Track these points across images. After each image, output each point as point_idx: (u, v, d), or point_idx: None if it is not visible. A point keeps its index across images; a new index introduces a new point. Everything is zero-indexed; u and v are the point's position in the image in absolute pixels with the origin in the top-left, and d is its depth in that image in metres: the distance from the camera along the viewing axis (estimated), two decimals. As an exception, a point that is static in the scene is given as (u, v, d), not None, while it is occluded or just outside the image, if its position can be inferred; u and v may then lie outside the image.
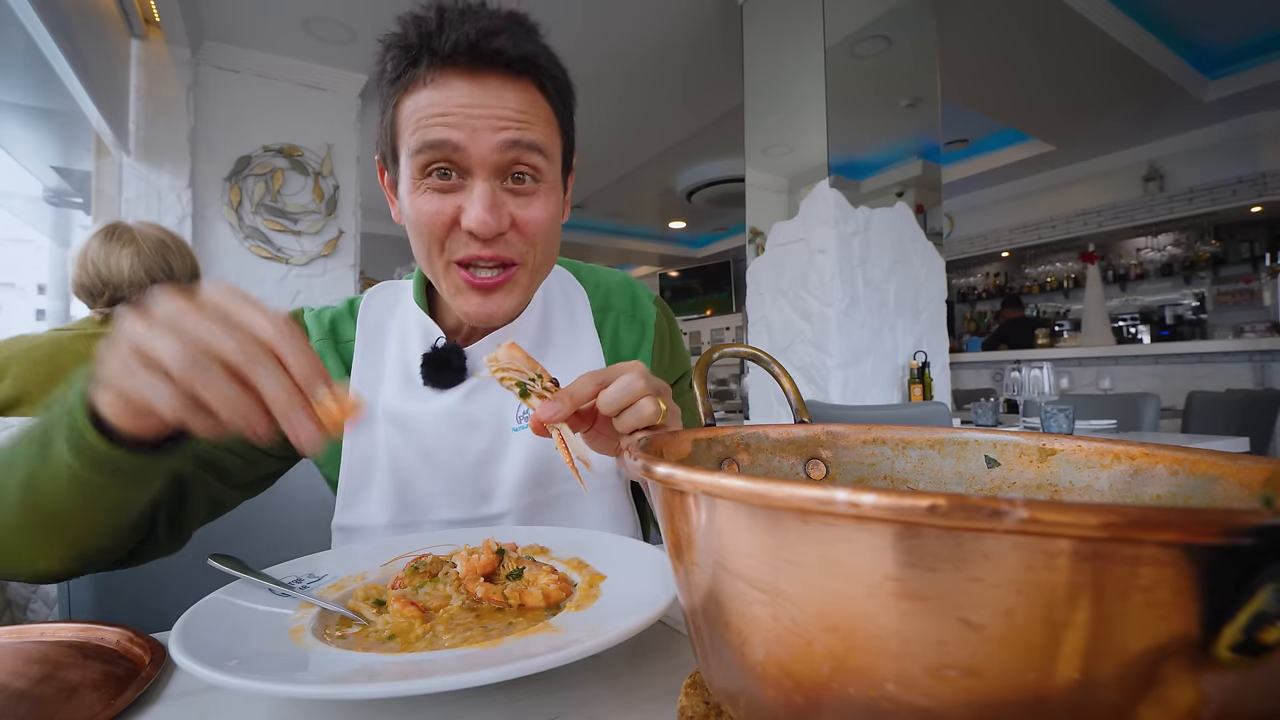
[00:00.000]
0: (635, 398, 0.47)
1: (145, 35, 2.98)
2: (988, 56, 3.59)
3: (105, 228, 1.24)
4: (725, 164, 5.31)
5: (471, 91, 0.55)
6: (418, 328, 0.69)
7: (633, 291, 0.80)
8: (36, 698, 0.36)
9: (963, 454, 0.39)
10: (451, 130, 0.55)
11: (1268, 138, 4.64)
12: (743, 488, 0.20)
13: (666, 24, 3.18)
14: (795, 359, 2.68)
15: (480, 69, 0.55)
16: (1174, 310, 5.62)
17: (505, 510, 0.66)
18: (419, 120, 0.56)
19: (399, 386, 0.67)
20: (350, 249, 3.56)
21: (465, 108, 0.55)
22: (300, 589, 0.46)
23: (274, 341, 0.36)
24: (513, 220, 0.59)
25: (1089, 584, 0.15)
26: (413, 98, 0.56)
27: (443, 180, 0.57)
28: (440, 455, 0.65)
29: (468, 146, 0.55)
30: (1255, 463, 0.27)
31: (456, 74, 0.55)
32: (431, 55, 0.55)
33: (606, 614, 0.40)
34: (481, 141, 0.55)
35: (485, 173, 0.56)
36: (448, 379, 0.66)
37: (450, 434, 0.65)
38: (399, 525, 0.64)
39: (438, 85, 0.55)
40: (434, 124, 0.55)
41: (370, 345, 0.69)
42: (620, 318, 0.77)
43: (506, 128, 0.56)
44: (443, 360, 0.65)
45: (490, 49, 0.54)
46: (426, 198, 0.57)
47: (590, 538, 0.56)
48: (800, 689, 0.21)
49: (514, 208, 0.59)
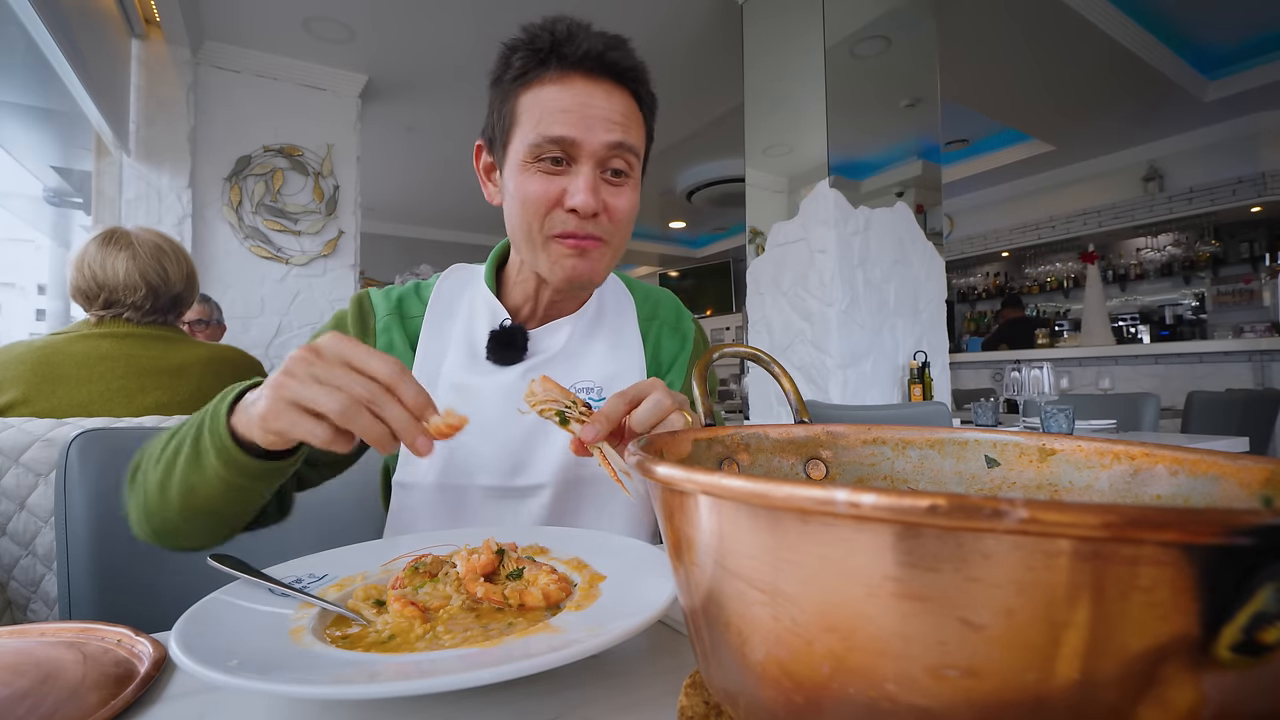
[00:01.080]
0: (664, 414, 0.52)
1: (145, 35, 2.98)
2: (987, 56, 3.59)
3: (103, 233, 1.24)
4: (725, 164, 5.31)
5: (591, 92, 0.65)
6: (485, 308, 0.76)
7: (678, 307, 0.90)
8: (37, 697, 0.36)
9: (963, 454, 0.39)
10: (570, 127, 0.64)
11: (1268, 138, 4.64)
12: (743, 488, 0.20)
13: (666, 24, 3.18)
14: (795, 359, 2.68)
15: (599, 75, 0.66)
16: (1174, 310, 5.61)
17: (544, 482, 0.72)
18: (542, 111, 0.65)
19: (463, 360, 0.74)
20: (350, 249, 3.56)
21: (584, 105, 0.65)
22: (300, 589, 0.46)
23: (393, 383, 0.46)
24: (605, 205, 0.67)
25: (1089, 584, 0.15)
26: (535, 92, 0.66)
27: (554, 166, 0.66)
28: (493, 426, 0.71)
29: (581, 140, 0.65)
30: (1255, 463, 0.27)
31: (579, 77, 0.65)
32: (560, 59, 0.65)
33: (606, 614, 0.40)
34: (594, 137, 0.65)
35: (590, 162, 0.66)
36: (510, 356, 0.73)
37: (506, 408, 0.71)
38: (445, 486, 0.71)
39: (562, 84, 0.65)
40: (556, 118, 0.64)
41: (439, 319, 0.77)
42: (664, 328, 0.86)
43: (613, 129, 0.66)
44: (508, 339, 0.73)
45: (610, 60, 0.65)
46: (536, 179, 0.66)
47: (590, 538, 0.57)
48: (800, 689, 0.21)
49: (607, 194, 0.68)
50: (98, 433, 0.79)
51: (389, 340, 0.75)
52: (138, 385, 1.17)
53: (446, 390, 0.72)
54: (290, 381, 0.46)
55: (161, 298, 1.25)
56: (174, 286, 1.27)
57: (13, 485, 0.99)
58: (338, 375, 0.46)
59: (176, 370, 1.21)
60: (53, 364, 1.12)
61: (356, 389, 0.46)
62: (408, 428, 0.46)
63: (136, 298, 1.22)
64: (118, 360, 1.17)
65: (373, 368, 0.47)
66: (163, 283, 1.25)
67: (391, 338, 0.75)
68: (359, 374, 0.46)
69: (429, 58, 3.47)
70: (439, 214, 6.55)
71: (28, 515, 1.01)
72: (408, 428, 0.46)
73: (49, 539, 1.01)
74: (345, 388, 0.46)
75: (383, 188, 5.57)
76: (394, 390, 0.47)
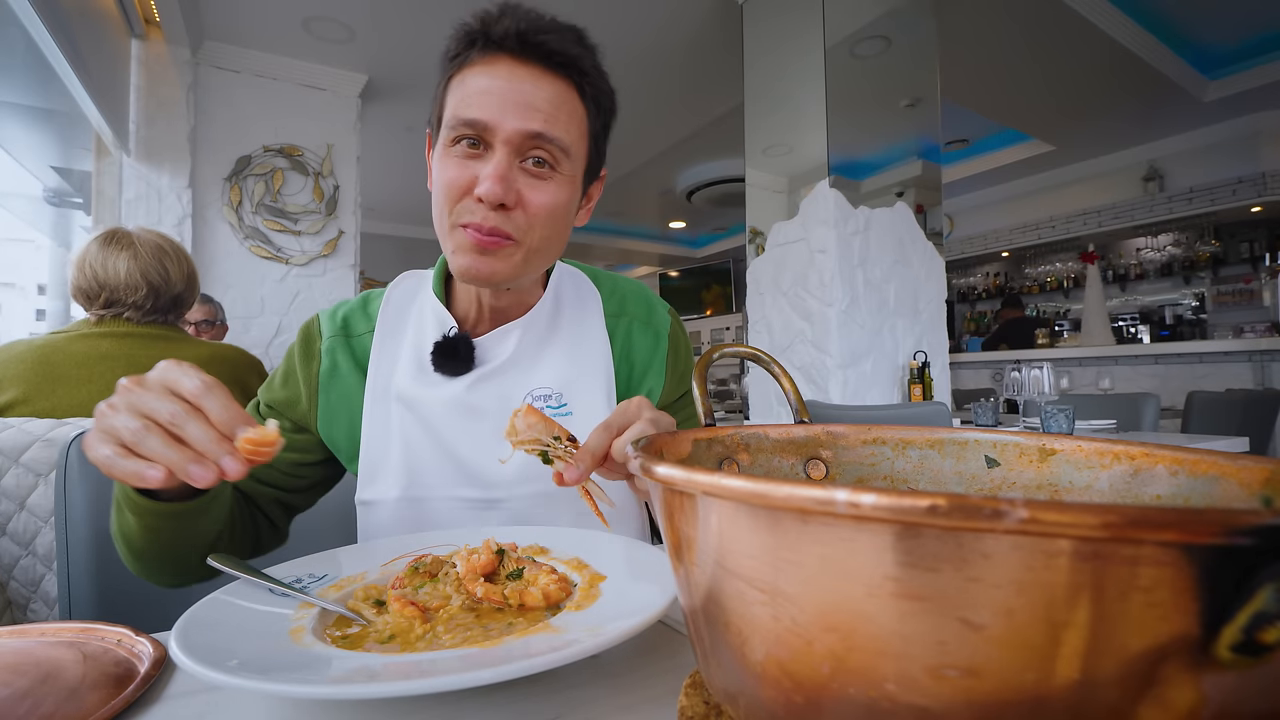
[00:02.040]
0: None
1: (145, 35, 2.98)
2: (987, 57, 3.59)
3: (105, 233, 1.25)
4: (725, 164, 5.31)
5: (515, 75, 0.61)
6: (434, 317, 0.73)
7: (649, 300, 0.82)
8: (37, 698, 0.36)
9: (963, 454, 0.39)
10: (483, 110, 0.60)
11: (1268, 138, 4.64)
12: (743, 488, 0.20)
13: (666, 24, 3.18)
14: (795, 359, 2.68)
15: (525, 58, 0.61)
16: (1174, 310, 5.61)
17: (501, 496, 0.69)
18: (464, 94, 0.61)
19: (412, 371, 0.70)
20: (350, 249, 3.56)
21: (504, 89, 0.61)
22: (300, 589, 0.46)
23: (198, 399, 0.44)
24: (519, 198, 0.62)
25: (1089, 584, 0.15)
26: (462, 75, 0.62)
27: (470, 149, 0.62)
28: (445, 438, 0.69)
29: (493, 123, 0.60)
30: (1255, 463, 0.27)
31: (505, 58, 0.61)
32: (486, 40, 0.61)
33: (606, 614, 0.40)
34: (507, 122, 0.60)
35: (506, 150, 0.61)
36: (455, 367, 0.69)
37: (455, 420, 0.69)
38: (409, 499, 0.68)
39: (485, 66, 0.61)
40: (473, 99, 0.61)
41: (389, 333, 0.74)
42: (635, 324, 0.79)
43: (532, 116, 0.61)
44: (451, 349, 0.69)
45: (535, 41, 0.61)
46: (452, 163, 0.62)
47: (590, 538, 0.56)
48: (800, 689, 0.21)
49: (524, 186, 0.63)
50: (98, 433, 0.79)
51: (332, 362, 0.72)
52: (138, 385, 1.16)
53: (398, 402, 0.69)
54: (107, 411, 0.44)
55: (162, 297, 1.25)
56: (175, 286, 1.27)
57: (13, 485, 0.99)
58: (148, 399, 0.44)
59: (177, 370, 1.21)
60: (53, 364, 1.13)
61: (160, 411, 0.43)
62: (210, 447, 0.43)
63: (137, 297, 1.22)
64: (118, 360, 1.17)
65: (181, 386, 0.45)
66: (164, 283, 1.25)
67: (335, 359, 0.72)
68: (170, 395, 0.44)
69: (429, 58, 3.47)
70: (439, 214, 6.54)
71: (28, 515, 1.01)
72: (210, 447, 0.43)
73: (49, 539, 1.01)
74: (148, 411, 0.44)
75: (383, 188, 5.57)
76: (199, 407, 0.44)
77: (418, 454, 0.68)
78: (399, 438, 0.69)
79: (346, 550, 0.57)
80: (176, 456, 0.43)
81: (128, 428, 0.43)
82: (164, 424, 0.43)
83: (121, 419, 0.44)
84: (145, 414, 0.44)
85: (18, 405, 1.10)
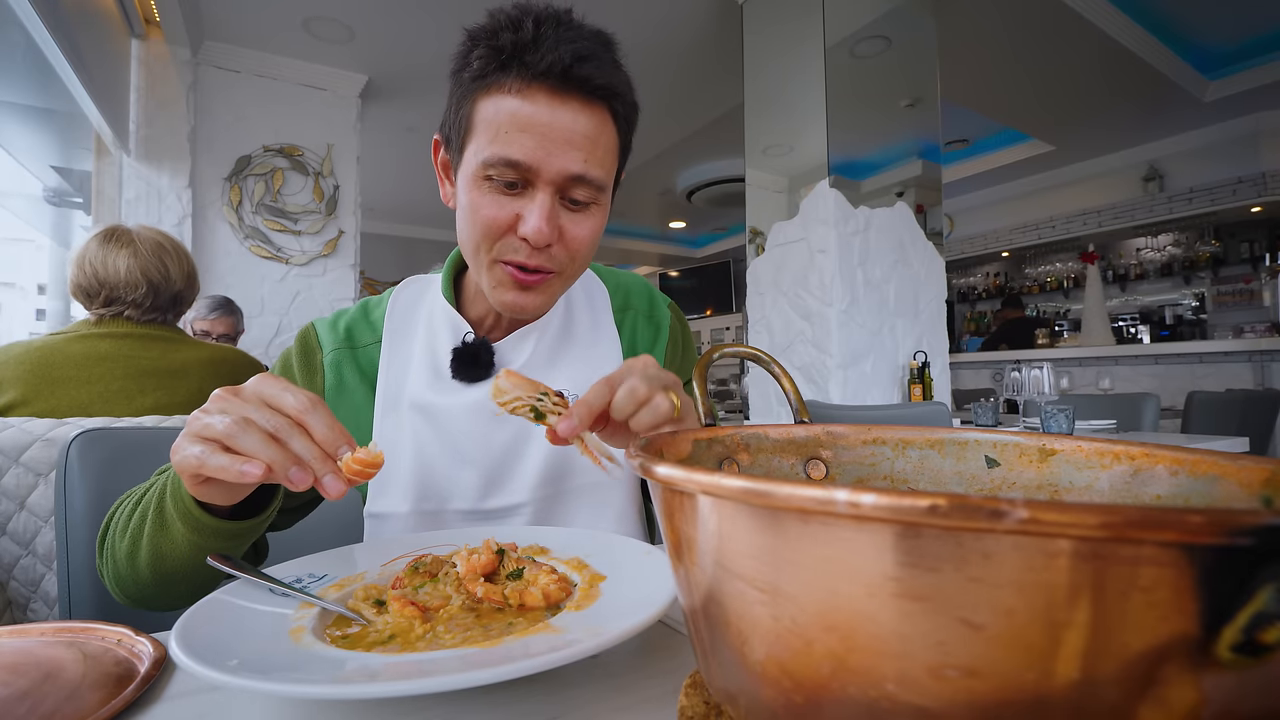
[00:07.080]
0: (641, 401, 0.49)
1: (145, 35, 2.98)
2: (987, 57, 3.59)
3: (104, 230, 1.24)
4: (725, 164, 5.31)
5: (553, 111, 0.58)
6: (445, 321, 0.72)
7: (650, 294, 0.84)
8: (37, 697, 0.36)
9: (963, 454, 0.39)
10: (527, 151, 0.58)
11: (1268, 138, 4.64)
12: (743, 488, 0.20)
13: (666, 24, 3.18)
14: (795, 359, 2.68)
15: (566, 91, 0.58)
16: (1174, 310, 5.61)
17: (524, 501, 0.68)
18: (500, 127, 0.58)
19: (427, 379, 0.69)
20: (350, 249, 3.56)
21: (546, 126, 0.57)
22: (300, 589, 0.46)
23: (302, 417, 0.45)
24: (561, 233, 0.62)
25: (1089, 584, 0.15)
26: (494, 101, 0.58)
27: (508, 188, 0.60)
28: (466, 446, 0.67)
29: (538, 166, 0.58)
30: (1255, 463, 0.27)
31: (543, 91, 0.57)
32: (523, 68, 0.57)
33: (606, 614, 0.40)
34: (552, 164, 0.58)
35: (549, 190, 0.60)
36: (476, 373, 0.68)
37: (477, 426, 0.68)
38: (421, 513, 0.67)
39: (523, 97, 0.57)
40: (513, 138, 0.58)
41: (397, 341, 0.72)
42: (639, 317, 0.81)
43: (575, 158, 0.59)
44: (472, 355, 0.68)
45: (579, 75, 0.57)
46: (489, 199, 0.60)
47: (590, 538, 0.56)
48: (800, 689, 0.21)
49: (566, 222, 0.62)
50: (97, 433, 0.79)
51: (338, 377, 0.70)
52: (137, 386, 1.17)
53: (411, 412, 0.68)
54: (202, 417, 0.45)
55: (162, 295, 1.25)
56: (175, 284, 1.27)
57: (13, 485, 0.99)
58: (248, 409, 0.44)
59: (176, 371, 1.21)
60: (52, 364, 1.12)
61: (261, 420, 0.44)
62: (316, 464, 0.44)
63: (137, 295, 1.22)
64: (117, 361, 1.17)
65: (283, 402, 0.45)
66: (164, 280, 1.25)
67: (341, 374, 0.71)
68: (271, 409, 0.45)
69: (429, 58, 3.47)
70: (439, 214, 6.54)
71: (28, 515, 1.01)
72: (316, 464, 0.44)
73: (49, 539, 1.01)
74: (249, 416, 0.44)
75: (382, 188, 5.57)
76: (303, 424, 0.45)
77: (431, 466, 0.67)
78: (411, 449, 0.67)
79: (346, 550, 0.57)
80: (279, 455, 0.43)
81: (225, 425, 0.43)
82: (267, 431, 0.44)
83: (218, 419, 0.44)
84: (245, 418, 0.44)
85: (17, 406, 1.10)
